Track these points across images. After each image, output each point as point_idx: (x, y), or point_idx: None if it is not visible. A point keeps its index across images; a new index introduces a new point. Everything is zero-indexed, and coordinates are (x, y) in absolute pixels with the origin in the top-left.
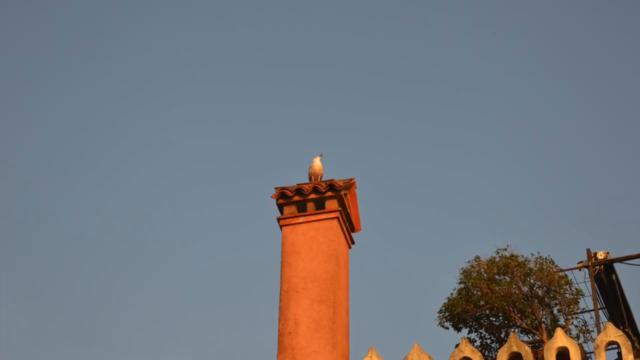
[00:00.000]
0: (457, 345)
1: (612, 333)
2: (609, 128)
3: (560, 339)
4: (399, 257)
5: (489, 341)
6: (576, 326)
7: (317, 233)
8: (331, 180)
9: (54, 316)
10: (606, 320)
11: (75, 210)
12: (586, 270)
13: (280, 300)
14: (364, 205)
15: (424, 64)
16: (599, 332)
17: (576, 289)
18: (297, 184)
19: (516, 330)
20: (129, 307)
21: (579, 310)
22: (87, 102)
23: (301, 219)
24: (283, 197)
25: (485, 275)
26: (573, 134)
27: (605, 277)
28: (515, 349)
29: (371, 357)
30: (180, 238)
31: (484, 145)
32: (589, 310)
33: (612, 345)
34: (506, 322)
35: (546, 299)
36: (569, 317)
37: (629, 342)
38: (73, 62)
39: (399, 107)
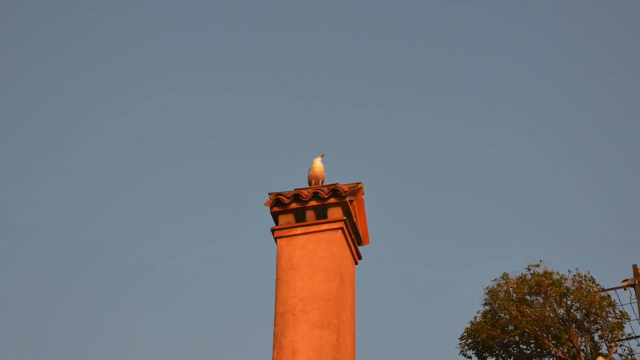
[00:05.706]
0: None
1: None
2: None
3: None
4: (413, 274)
5: None
6: (621, 355)
7: (318, 246)
8: (334, 184)
9: (14, 337)
10: None
11: (39, 219)
12: (632, 289)
13: (274, 325)
14: (372, 214)
15: (443, 55)
16: None
17: (620, 311)
18: (295, 189)
19: (551, 359)
20: (98, 332)
21: (624, 337)
22: (55, 95)
23: (299, 230)
24: (278, 205)
25: (514, 295)
26: (618, 134)
27: None
28: None
29: None
30: (158, 251)
31: (514, 144)
32: (636, 337)
33: None
34: (539, 350)
35: (585, 323)
36: (613, 344)
37: None
38: (37, 52)
39: (413, 102)
